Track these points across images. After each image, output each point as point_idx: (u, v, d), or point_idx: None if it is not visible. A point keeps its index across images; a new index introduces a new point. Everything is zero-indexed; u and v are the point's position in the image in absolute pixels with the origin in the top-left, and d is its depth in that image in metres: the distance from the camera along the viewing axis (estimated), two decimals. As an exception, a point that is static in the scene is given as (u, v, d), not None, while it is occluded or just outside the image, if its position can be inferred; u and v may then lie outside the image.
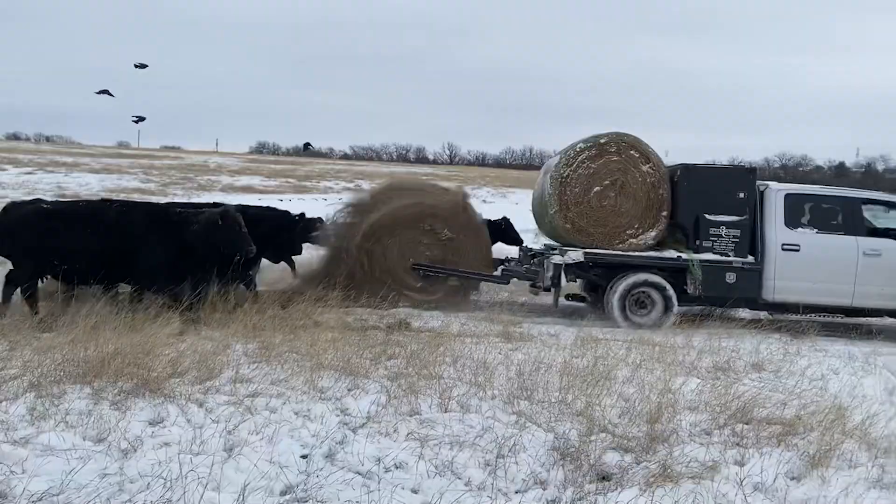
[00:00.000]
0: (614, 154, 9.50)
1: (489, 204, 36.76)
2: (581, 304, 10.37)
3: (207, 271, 7.65)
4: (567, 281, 9.65)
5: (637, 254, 9.36)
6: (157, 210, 8.01)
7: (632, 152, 9.51)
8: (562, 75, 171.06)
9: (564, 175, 9.43)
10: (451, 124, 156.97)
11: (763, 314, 9.57)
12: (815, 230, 9.21)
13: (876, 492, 3.75)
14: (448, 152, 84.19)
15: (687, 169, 9.61)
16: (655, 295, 9.15)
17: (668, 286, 9.12)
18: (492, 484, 3.69)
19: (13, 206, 7.86)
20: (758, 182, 9.48)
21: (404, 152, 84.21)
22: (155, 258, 7.41)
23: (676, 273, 9.22)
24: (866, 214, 9.46)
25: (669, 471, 3.85)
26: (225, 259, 7.60)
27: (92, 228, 7.37)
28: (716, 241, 9.26)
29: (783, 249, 9.11)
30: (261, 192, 31.02)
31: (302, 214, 10.19)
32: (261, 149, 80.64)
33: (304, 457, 3.93)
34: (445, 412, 4.71)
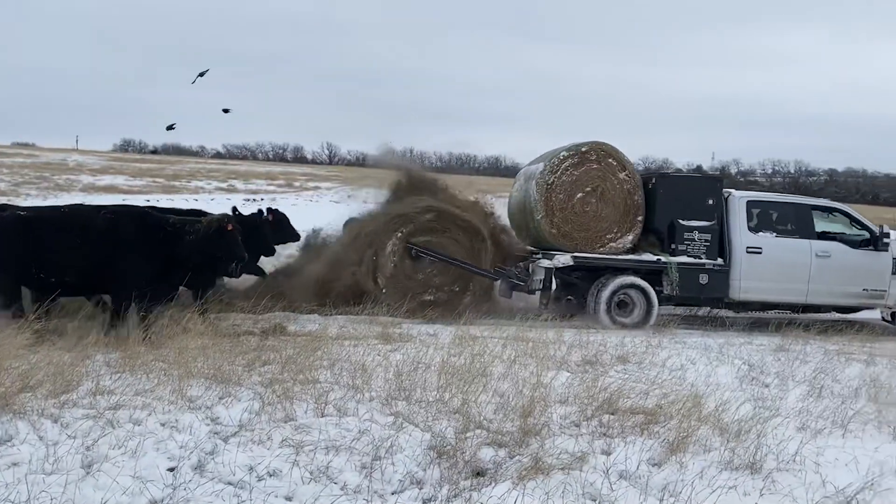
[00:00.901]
0: (594, 162, 10.00)
1: (372, 204, 36.61)
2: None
3: (199, 279, 7.49)
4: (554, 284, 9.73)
5: (622, 257, 9.87)
6: (149, 217, 7.44)
7: (610, 160, 10.06)
8: (441, 77, 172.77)
9: (550, 182, 9.82)
10: (331, 123, 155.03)
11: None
12: (774, 234, 10.08)
13: (727, 473, 4.02)
14: (327, 152, 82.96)
15: (663, 177, 10.39)
16: (637, 296, 9.64)
17: (650, 288, 9.64)
18: (368, 486, 3.67)
19: None
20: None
21: (281, 151, 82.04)
22: (147, 268, 6.96)
23: (653, 275, 9.77)
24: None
25: (541, 463, 3.96)
26: (214, 266, 7.61)
27: (80, 237, 6.82)
28: (689, 245, 9.86)
29: (748, 252, 9.86)
30: (125, 192, 29.40)
31: (271, 210, 9.52)
32: (126, 146, 76.19)
33: (170, 470, 3.75)
34: (322, 417, 4.64)
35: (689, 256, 9.83)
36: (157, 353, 5.90)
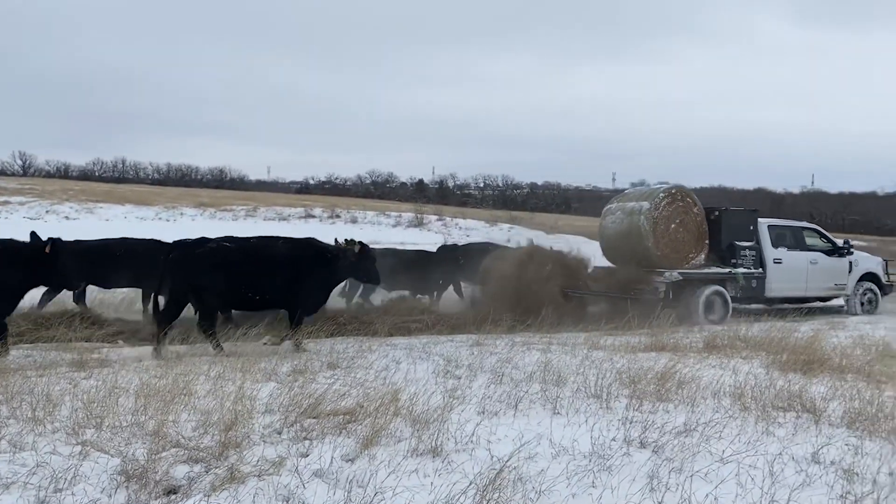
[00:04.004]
0: (679, 200, 13.50)
1: (73, 221, 33.22)
2: None
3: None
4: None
5: (709, 270, 13.39)
6: (317, 244, 9.08)
7: (688, 199, 13.63)
8: (155, 85, 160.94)
9: (655, 217, 13.15)
10: (24, 131, 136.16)
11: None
12: (787, 248, 14.22)
13: (412, 459, 4.42)
14: (20, 162, 73.29)
15: (724, 211, 14.12)
16: (718, 300, 13.00)
17: (727, 293, 13.13)
18: (41, 521, 3.44)
19: (191, 246, 8.82)
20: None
21: (-44, 161, 70.73)
22: (318, 286, 8.76)
23: (723, 282, 13.21)
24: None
25: (237, 473, 4.02)
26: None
27: (273, 263, 8.45)
28: (744, 260, 13.69)
29: (774, 263, 13.96)
30: None
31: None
32: None
33: None
34: (-8, 455, 4.21)
35: (745, 268, 13.63)
36: None
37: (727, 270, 13.50)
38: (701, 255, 13.54)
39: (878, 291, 15.39)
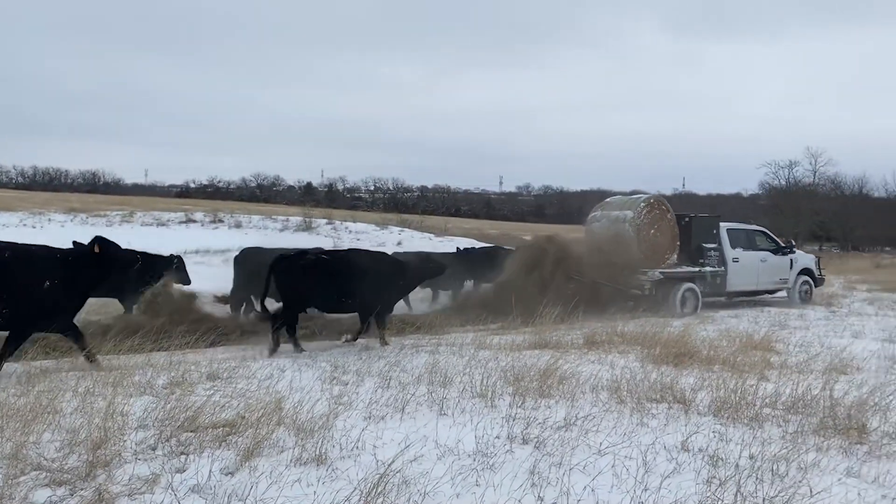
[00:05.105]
0: (655, 208, 15.29)
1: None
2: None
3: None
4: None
5: (686, 269, 15.18)
6: (390, 256, 10.94)
7: (662, 206, 15.47)
8: (16, 82, 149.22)
9: (638, 223, 14.81)
10: None
11: None
12: (742, 249, 16.17)
13: (295, 468, 4.32)
14: None
15: (693, 217, 16.10)
16: (691, 295, 14.71)
17: (697, 288, 14.89)
18: None
19: (291, 257, 9.61)
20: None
21: None
22: (397, 292, 10.32)
23: (693, 279, 14.95)
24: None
25: (105, 494, 3.80)
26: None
27: (361, 272, 9.45)
28: (710, 259, 15.59)
29: (733, 261, 15.89)
30: None
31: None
32: None
33: None
34: None
35: (711, 267, 15.52)
36: None
37: (697, 269, 15.38)
38: (674, 256, 15.36)
39: (812, 284, 17.76)
